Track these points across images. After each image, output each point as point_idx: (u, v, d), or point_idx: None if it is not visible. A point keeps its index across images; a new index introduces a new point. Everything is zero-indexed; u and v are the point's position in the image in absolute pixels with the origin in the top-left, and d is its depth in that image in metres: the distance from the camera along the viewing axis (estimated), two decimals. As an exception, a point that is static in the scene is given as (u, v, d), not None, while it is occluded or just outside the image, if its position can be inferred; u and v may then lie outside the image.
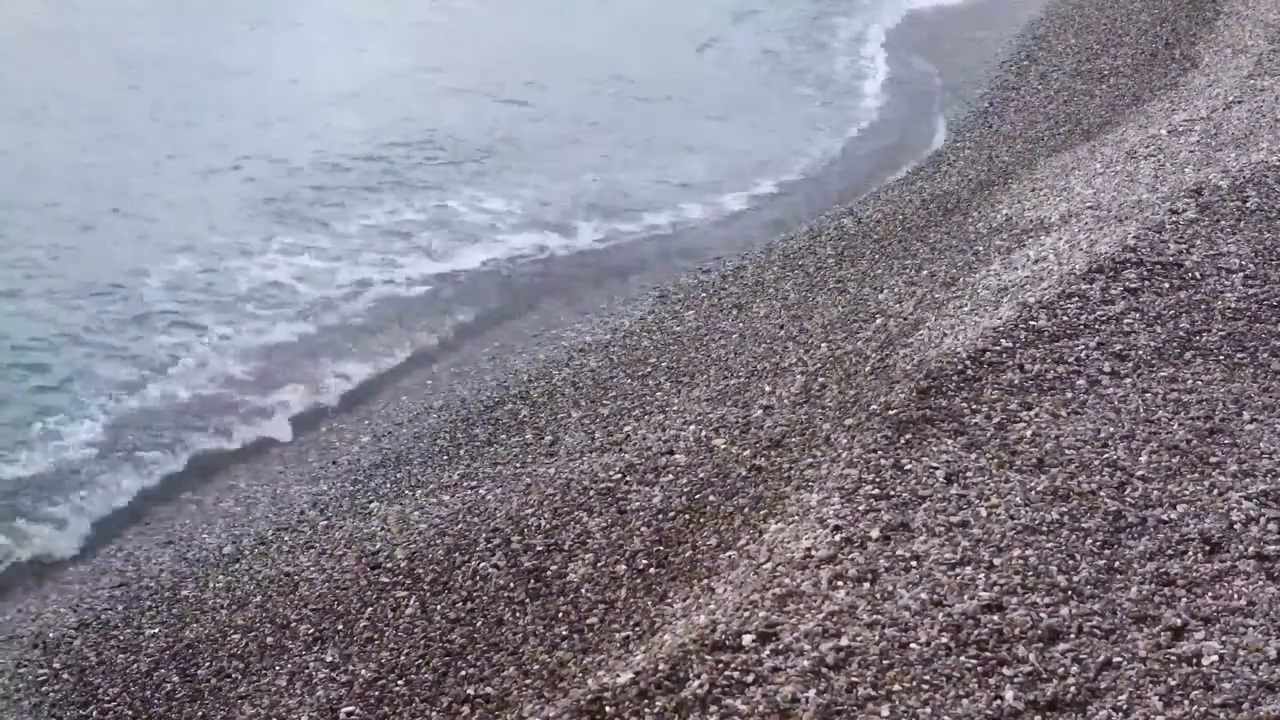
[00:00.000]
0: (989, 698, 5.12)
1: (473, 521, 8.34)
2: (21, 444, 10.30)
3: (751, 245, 14.27)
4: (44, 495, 9.80)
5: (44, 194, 14.95)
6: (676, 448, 8.53)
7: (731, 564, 6.64)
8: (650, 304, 12.57)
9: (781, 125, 19.49)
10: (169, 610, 8.37)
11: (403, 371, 12.13)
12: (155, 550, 9.30)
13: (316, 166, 16.47)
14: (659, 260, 14.55)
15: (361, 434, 10.80)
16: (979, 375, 7.67)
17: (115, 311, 12.53)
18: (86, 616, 8.48)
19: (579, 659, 6.56)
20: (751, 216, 16.07)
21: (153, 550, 9.31)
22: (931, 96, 20.61)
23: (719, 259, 13.90)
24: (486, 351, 12.30)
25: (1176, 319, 8.30)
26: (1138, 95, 16.31)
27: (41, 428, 10.50)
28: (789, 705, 5.13)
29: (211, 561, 8.97)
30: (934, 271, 10.73)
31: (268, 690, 7.34)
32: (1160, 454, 6.80)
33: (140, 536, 9.60)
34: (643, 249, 15.01)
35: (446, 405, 10.97)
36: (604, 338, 11.81)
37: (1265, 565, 5.88)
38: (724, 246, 14.63)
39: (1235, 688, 5.14)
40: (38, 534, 9.46)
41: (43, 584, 9.10)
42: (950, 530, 6.17)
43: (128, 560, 9.22)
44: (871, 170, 17.38)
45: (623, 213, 15.87)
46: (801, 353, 9.77)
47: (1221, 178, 10.78)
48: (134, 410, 10.99)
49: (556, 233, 15.14)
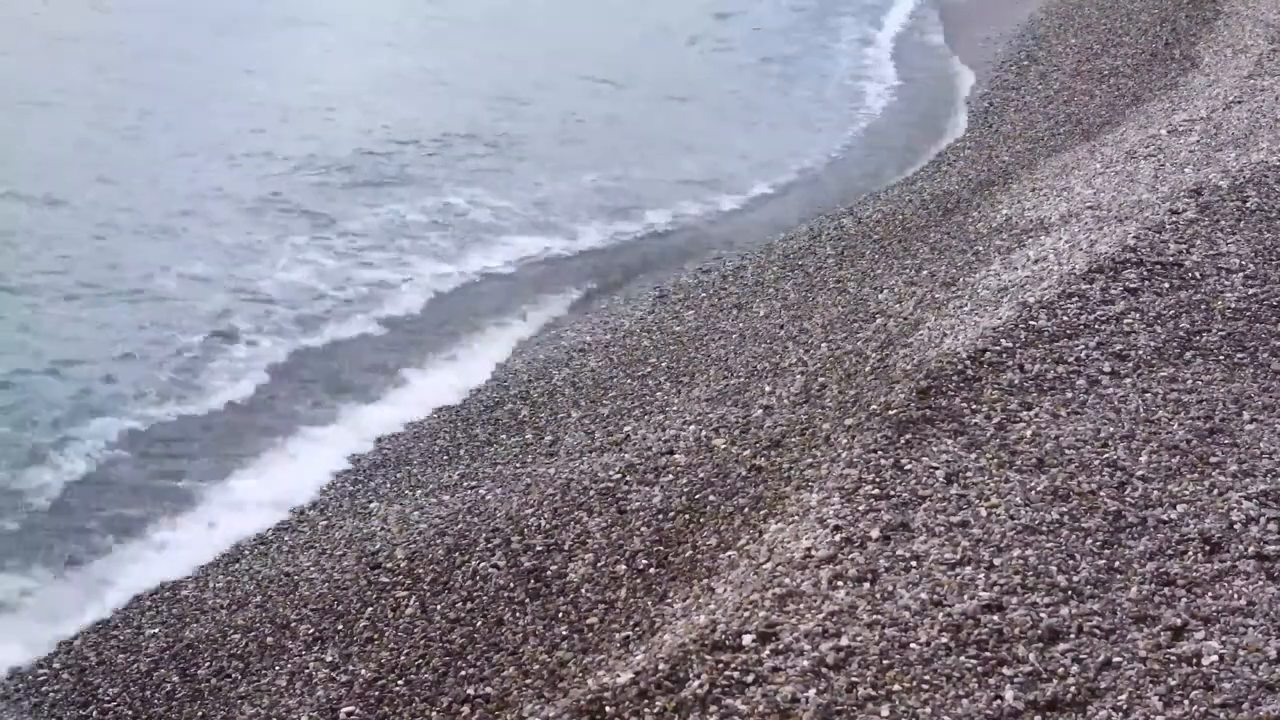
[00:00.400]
0: (989, 698, 5.12)
1: (473, 521, 8.34)
2: (53, 448, 10.20)
3: (751, 245, 14.26)
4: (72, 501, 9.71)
5: (60, 190, 14.93)
6: (676, 448, 8.53)
7: (731, 564, 6.64)
8: (650, 304, 12.56)
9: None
10: (169, 610, 8.37)
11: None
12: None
13: (325, 163, 16.52)
14: (659, 259, 14.55)
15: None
16: (979, 375, 7.67)
17: (141, 318, 12.42)
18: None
19: (579, 659, 6.55)
20: (750, 215, 16.09)
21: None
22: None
23: (719, 259, 13.89)
24: (489, 351, 12.32)
25: (1176, 319, 8.30)
26: (1138, 95, 16.31)
27: (62, 438, 10.37)
28: (789, 705, 5.12)
29: (211, 561, 8.97)
30: (934, 271, 10.73)
31: (268, 690, 7.33)
32: (1160, 454, 6.80)
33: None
34: (644, 248, 15.01)
35: (446, 405, 10.98)
36: (604, 338, 11.80)
37: (1265, 565, 5.88)
38: (724, 246, 14.64)
39: (1235, 688, 5.14)
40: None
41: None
42: (950, 530, 6.17)
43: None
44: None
45: (624, 211, 15.87)
46: (801, 353, 9.77)
47: (1221, 178, 10.78)
48: (157, 421, 10.86)
49: (559, 234, 15.14)
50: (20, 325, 12.07)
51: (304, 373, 11.84)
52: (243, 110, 18.43)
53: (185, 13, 23.12)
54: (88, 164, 15.89)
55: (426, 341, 12.59)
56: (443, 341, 12.61)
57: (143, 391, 11.12)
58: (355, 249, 14.34)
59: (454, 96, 19.70)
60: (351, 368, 11.93)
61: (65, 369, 11.33)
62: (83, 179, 15.37)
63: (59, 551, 9.11)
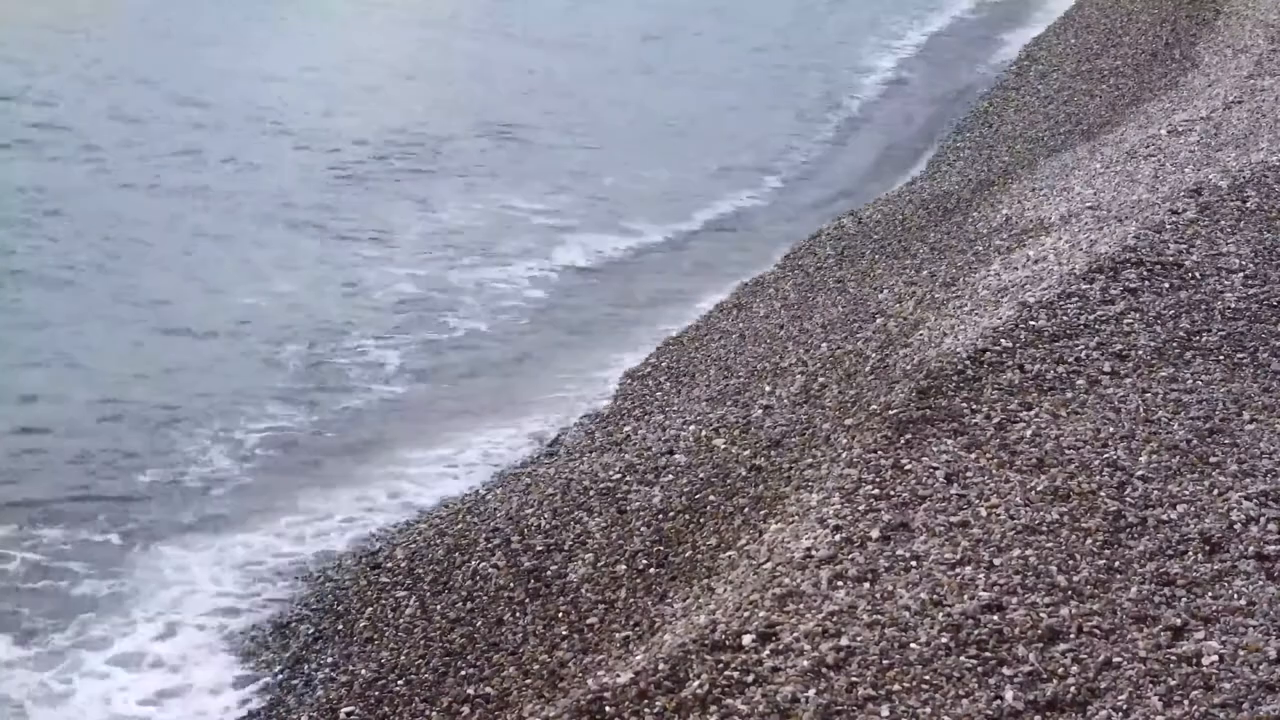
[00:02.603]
0: (989, 698, 5.11)
1: (473, 521, 8.34)
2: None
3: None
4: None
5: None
6: (676, 448, 8.53)
7: (731, 564, 6.64)
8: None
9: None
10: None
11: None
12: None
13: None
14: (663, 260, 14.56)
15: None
16: (979, 375, 7.66)
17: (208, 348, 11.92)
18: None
19: (579, 659, 6.55)
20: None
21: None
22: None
23: (719, 259, 13.91)
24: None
25: (1176, 319, 8.29)
26: (1138, 95, 16.32)
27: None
28: (789, 705, 5.12)
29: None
30: (934, 271, 10.73)
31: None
32: (1160, 454, 6.80)
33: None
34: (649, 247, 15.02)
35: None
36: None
37: (1265, 565, 5.87)
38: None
39: (1235, 688, 5.13)
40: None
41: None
42: (950, 530, 6.17)
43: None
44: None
45: (626, 212, 15.89)
46: (801, 353, 9.76)
47: (1221, 178, 10.78)
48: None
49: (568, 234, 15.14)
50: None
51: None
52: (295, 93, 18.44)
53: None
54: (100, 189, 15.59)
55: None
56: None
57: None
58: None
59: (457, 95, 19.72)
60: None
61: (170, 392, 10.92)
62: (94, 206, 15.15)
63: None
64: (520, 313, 12.78)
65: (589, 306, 13.07)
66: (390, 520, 9.02)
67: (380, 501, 9.32)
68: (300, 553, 8.71)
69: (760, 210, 16.29)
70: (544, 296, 13.19)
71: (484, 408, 10.80)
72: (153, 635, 7.92)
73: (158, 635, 7.92)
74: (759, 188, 16.97)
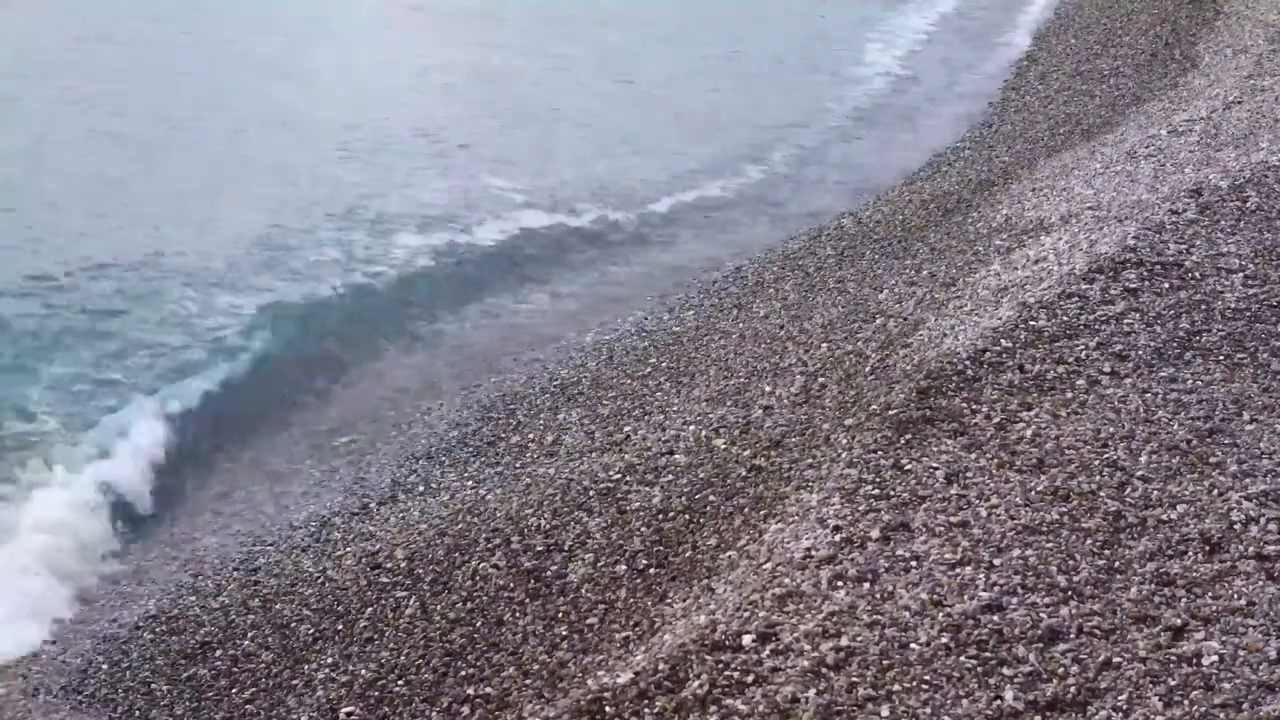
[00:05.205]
0: (989, 698, 5.11)
1: (473, 521, 8.34)
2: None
3: (751, 245, 14.28)
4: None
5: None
6: (676, 448, 8.53)
7: (731, 564, 6.64)
8: (650, 304, 12.57)
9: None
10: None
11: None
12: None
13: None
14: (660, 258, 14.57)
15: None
16: (979, 375, 7.66)
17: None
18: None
19: (579, 659, 6.55)
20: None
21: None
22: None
23: (719, 258, 13.91)
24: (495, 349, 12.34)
25: (1176, 319, 8.29)
26: (1138, 95, 16.32)
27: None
28: (789, 705, 5.12)
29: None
30: (934, 271, 10.73)
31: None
32: (1160, 454, 6.80)
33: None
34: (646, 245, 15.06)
35: (448, 405, 10.98)
36: (604, 338, 11.80)
37: (1265, 565, 5.87)
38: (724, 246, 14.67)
39: (1235, 688, 5.13)
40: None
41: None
42: (950, 530, 6.17)
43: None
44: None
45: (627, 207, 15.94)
46: (801, 353, 9.76)
47: (1221, 178, 10.78)
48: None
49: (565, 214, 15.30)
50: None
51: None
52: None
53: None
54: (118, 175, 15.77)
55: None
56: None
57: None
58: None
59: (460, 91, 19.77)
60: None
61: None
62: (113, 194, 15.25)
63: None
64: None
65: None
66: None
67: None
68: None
69: (760, 210, 16.29)
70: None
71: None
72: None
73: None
74: (759, 186, 16.98)
